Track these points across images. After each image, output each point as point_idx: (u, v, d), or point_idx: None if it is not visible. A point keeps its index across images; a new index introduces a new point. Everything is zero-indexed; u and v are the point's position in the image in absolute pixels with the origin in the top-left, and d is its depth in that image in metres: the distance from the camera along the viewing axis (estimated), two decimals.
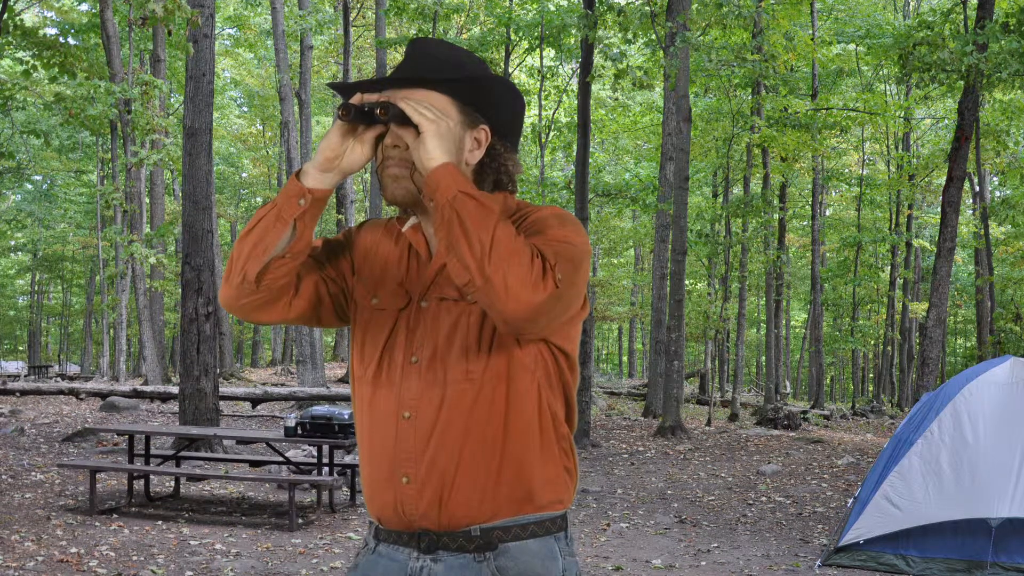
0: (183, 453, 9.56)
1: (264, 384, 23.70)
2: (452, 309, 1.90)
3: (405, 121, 1.81)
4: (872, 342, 32.69)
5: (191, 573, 6.25)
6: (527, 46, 23.22)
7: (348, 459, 9.57)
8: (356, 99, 1.86)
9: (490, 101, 1.94)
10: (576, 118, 18.15)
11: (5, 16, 12.03)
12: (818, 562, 6.74)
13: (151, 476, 8.94)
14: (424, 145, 1.76)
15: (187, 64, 11.28)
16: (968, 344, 39.27)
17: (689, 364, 32.19)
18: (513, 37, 22.21)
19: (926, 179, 27.20)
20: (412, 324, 1.92)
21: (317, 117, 31.67)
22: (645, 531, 8.07)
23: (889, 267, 30.14)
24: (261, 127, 38.20)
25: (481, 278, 1.68)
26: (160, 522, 7.80)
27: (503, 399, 1.86)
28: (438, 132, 1.77)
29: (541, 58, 22.22)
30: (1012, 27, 12.56)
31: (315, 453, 10.71)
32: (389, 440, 1.89)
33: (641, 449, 14.17)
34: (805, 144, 20.37)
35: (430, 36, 22.04)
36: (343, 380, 23.98)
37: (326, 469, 8.79)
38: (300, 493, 9.09)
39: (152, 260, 19.24)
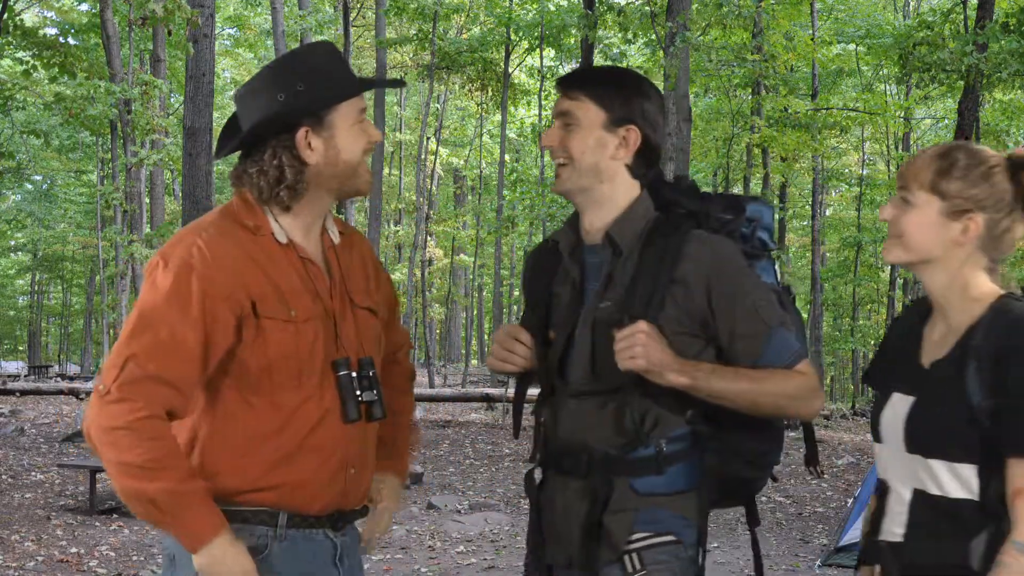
0: None
1: None
2: (367, 317, 2.15)
3: None
4: (872, 342, 32.64)
5: None
6: (527, 46, 23.25)
7: None
8: None
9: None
10: None
11: (5, 16, 12.03)
12: (818, 562, 6.74)
13: None
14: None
15: (187, 64, 11.28)
16: None
17: None
18: (513, 37, 22.22)
19: None
20: (339, 329, 2.08)
21: None
22: None
23: (889, 267, 30.15)
24: None
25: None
26: None
27: None
28: None
29: (541, 58, 22.24)
30: (1012, 27, 12.55)
31: None
32: (338, 438, 2.05)
33: None
34: (805, 144, 20.35)
35: (429, 36, 22.05)
36: None
37: None
38: None
39: None
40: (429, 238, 30.65)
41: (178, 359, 1.92)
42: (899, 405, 2.04)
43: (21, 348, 52.42)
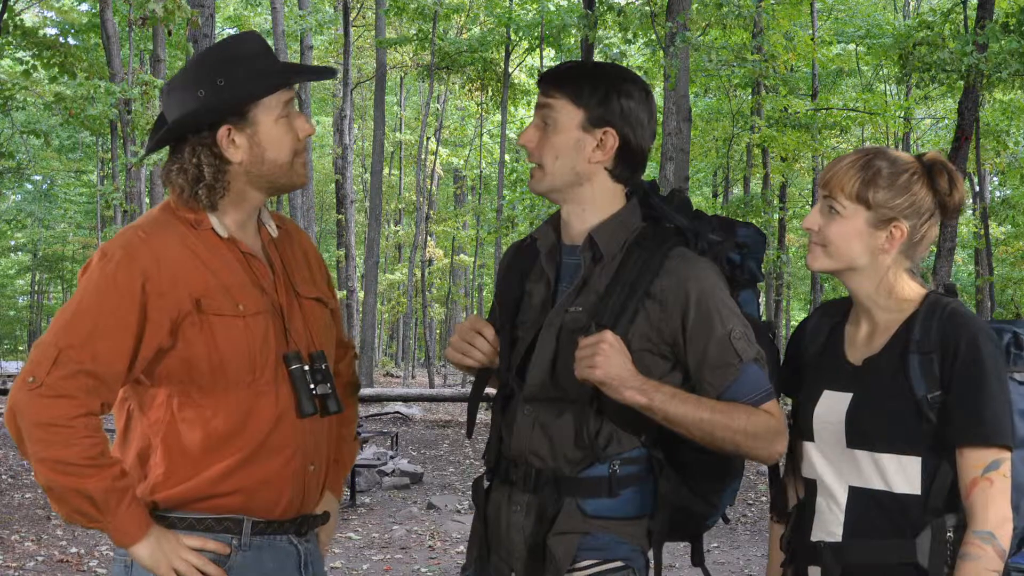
0: None
1: None
2: (314, 308, 2.10)
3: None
4: None
5: None
6: (527, 46, 23.23)
7: None
8: None
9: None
10: None
11: (5, 16, 12.03)
12: None
13: None
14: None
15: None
16: None
17: None
18: (513, 37, 22.22)
19: None
20: (288, 322, 2.03)
21: (317, 117, 31.66)
22: None
23: None
24: None
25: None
26: None
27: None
28: None
29: (541, 58, 22.22)
30: (1012, 27, 12.55)
31: None
32: (299, 433, 2.01)
33: None
34: (805, 144, 20.36)
35: (429, 36, 22.04)
36: None
37: None
38: None
39: None
40: (429, 238, 30.64)
41: (111, 354, 1.88)
42: (833, 402, 2.03)
43: (21, 348, 52.41)
